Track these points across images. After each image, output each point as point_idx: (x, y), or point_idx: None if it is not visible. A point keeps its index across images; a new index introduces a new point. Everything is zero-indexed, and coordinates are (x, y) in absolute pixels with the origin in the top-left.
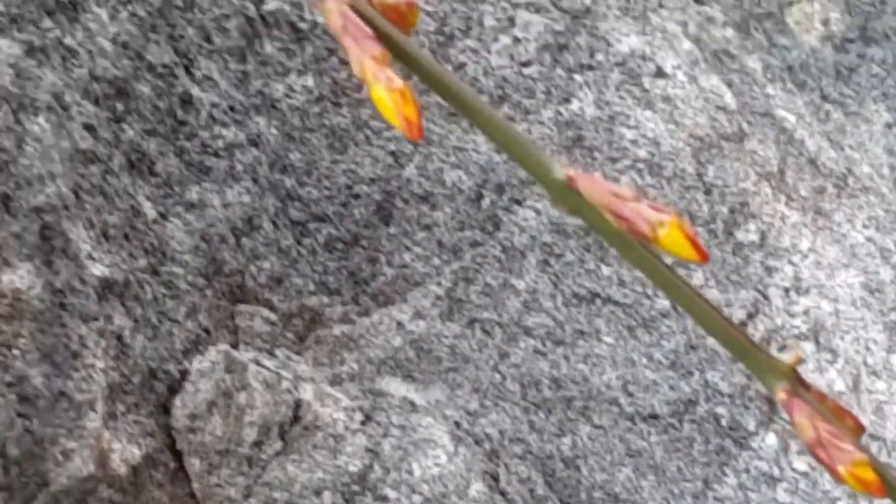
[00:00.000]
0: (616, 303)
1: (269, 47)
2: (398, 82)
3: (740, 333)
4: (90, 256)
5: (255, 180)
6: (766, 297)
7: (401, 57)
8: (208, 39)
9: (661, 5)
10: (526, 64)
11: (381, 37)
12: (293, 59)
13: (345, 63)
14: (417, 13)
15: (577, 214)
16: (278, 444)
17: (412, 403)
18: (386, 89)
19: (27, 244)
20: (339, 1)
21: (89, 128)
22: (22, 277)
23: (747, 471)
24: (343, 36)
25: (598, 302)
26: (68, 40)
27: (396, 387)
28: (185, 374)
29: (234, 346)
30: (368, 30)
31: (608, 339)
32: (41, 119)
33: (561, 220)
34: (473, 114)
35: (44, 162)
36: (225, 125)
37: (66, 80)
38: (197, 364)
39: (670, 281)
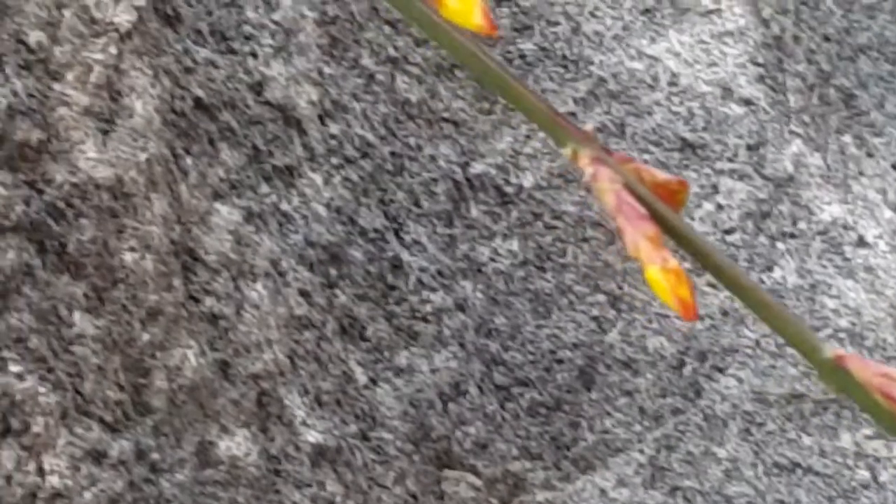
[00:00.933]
0: (816, 473)
1: (475, 211)
2: (673, 263)
3: None
4: (304, 423)
5: (461, 345)
6: None
7: (673, 236)
8: (417, 203)
9: (861, 173)
10: (729, 231)
11: (654, 216)
12: (498, 223)
13: (549, 228)
14: (688, 191)
15: (846, 393)
16: None
17: None
18: (661, 270)
19: (244, 411)
20: (613, 181)
21: (304, 293)
22: (239, 444)
23: None
24: (617, 215)
25: (799, 472)
26: (284, 206)
27: None
28: None
29: None
30: (642, 209)
31: None
32: (259, 285)
33: (763, 388)
34: (744, 292)
35: (261, 328)
36: (433, 290)
37: (282, 246)
38: None
39: None
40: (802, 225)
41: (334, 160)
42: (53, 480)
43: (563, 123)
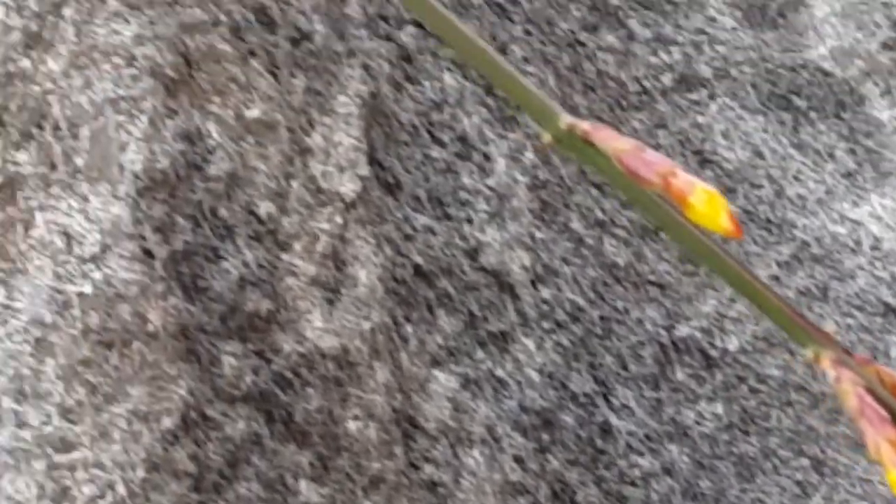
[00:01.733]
0: None
1: (680, 374)
2: None
3: None
4: None
5: None
6: None
7: None
8: (625, 367)
9: None
10: None
11: None
12: (703, 387)
13: (753, 391)
14: None
15: None
16: None
17: None
18: None
19: None
20: (854, 383)
21: (518, 459)
22: None
23: None
24: (859, 418)
25: None
26: (499, 371)
27: None
28: None
29: None
30: (884, 413)
31: None
32: (476, 452)
33: None
34: None
35: (477, 495)
36: (641, 454)
37: (497, 412)
38: None
39: None
40: None
41: (546, 325)
42: None
43: (806, 325)
